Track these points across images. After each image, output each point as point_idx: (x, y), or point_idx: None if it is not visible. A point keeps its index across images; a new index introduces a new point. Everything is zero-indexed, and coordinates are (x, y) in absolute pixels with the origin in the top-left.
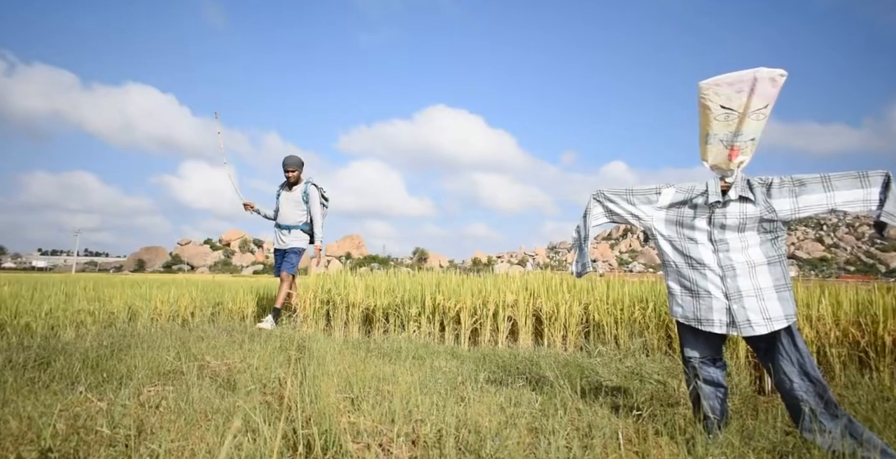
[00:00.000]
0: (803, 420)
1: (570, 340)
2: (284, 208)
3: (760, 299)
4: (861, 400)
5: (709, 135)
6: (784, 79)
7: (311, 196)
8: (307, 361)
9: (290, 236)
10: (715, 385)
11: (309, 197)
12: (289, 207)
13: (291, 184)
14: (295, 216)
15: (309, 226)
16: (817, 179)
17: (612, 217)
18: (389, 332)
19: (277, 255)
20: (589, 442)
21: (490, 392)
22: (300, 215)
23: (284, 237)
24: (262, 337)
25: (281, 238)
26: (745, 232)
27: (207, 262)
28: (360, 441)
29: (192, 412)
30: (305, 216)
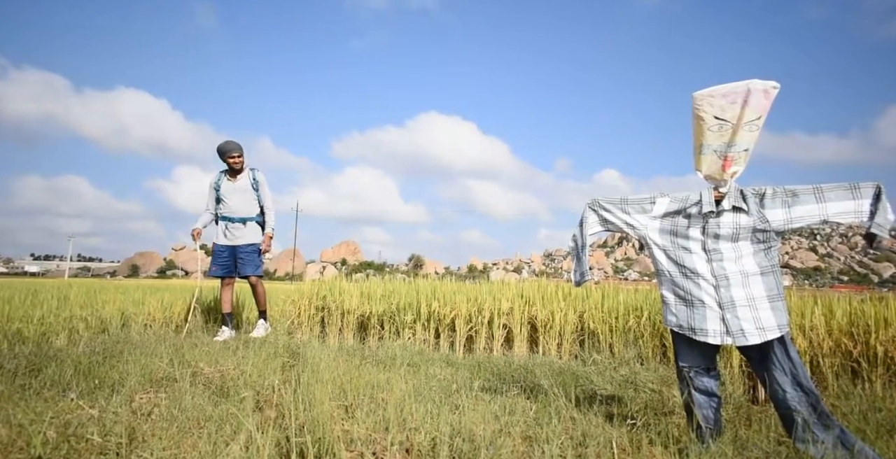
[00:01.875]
0: (796, 430)
1: (565, 348)
2: (232, 199)
3: (754, 309)
4: (853, 411)
5: (703, 145)
6: (776, 92)
7: (261, 183)
8: (301, 368)
9: (246, 229)
10: (708, 394)
11: (259, 184)
12: (237, 198)
13: (236, 171)
14: (247, 207)
15: (261, 216)
16: (810, 190)
17: (608, 226)
18: (384, 339)
19: (223, 252)
20: (583, 451)
21: (485, 400)
22: (253, 205)
23: (237, 231)
24: (255, 344)
25: (231, 232)
26: (739, 242)
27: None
28: (354, 449)
29: (184, 419)
30: (257, 206)
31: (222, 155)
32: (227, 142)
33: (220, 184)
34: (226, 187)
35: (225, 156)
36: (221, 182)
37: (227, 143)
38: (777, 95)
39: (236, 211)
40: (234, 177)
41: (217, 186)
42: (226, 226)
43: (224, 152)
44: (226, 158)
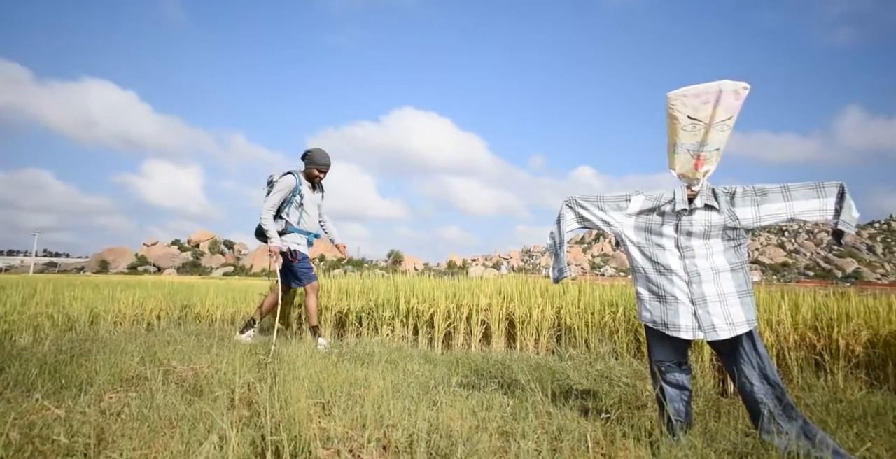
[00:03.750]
0: (762, 421)
1: (542, 344)
2: (312, 212)
3: (724, 304)
4: (816, 402)
5: (676, 144)
6: (747, 93)
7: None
8: (278, 366)
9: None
10: (680, 388)
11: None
12: (314, 212)
13: (315, 184)
14: (317, 222)
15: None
16: (777, 189)
17: (584, 223)
18: (362, 336)
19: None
20: (558, 445)
21: (462, 396)
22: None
23: (312, 245)
24: (231, 342)
25: (308, 245)
26: (710, 239)
27: (175, 264)
28: (331, 446)
29: (156, 419)
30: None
31: (315, 164)
32: (324, 152)
33: (303, 194)
34: (308, 196)
35: (316, 167)
36: (303, 192)
37: (324, 155)
38: (746, 96)
39: (314, 225)
40: (314, 189)
41: (301, 192)
42: (303, 238)
43: (319, 164)
44: (317, 169)
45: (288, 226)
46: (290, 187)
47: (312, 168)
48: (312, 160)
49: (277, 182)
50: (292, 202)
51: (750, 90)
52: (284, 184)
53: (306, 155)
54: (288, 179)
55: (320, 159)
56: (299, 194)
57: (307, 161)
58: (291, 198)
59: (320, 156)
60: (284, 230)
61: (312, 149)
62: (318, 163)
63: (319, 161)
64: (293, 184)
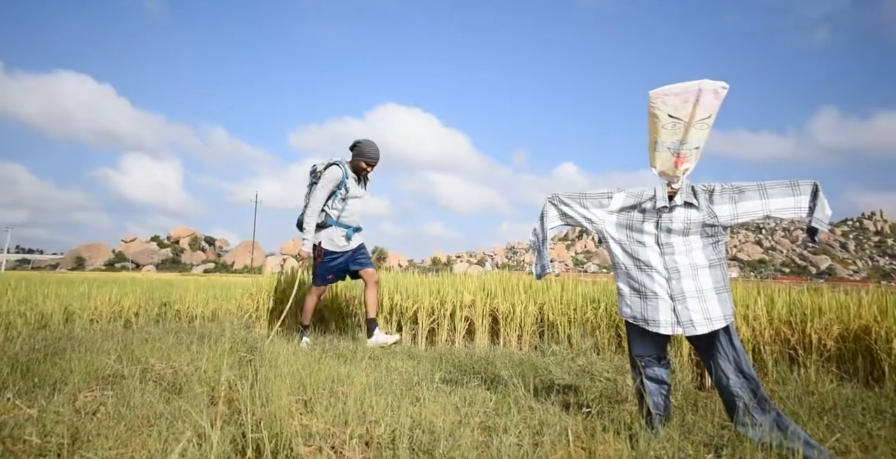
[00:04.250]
0: (737, 414)
1: (525, 340)
2: (356, 205)
3: (702, 300)
4: (790, 395)
5: (657, 142)
6: (725, 92)
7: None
8: (259, 363)
9: (357, 235)
10: (659, 382)
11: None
12: (359, 205)
13: (363, 177)
14: (359, 215)
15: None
16: (754, 187)
17: (567, 220)
18: (346, 333)
19: (338, 258)
20: (539, 439)
21: (445, 392)
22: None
23: (355, 237)
24: (211, 339)
25: (353, 238)
26: (690, 236)
27: (154, 260)
28: (313, 443)
29: (133, 417)
30: None
31: (364, 157)
32: (374, 145)
33: (348, 187)
34: (353, 189)
35: (365, 160)
36: (349, 185)
37: (375, 148)
38: (725, 95)
39: (356, 219)
40: (360, 182)
41: (346, 185)
42: (344, 232)
43: (368, 157)
44: (365, 162)
45: (328, 219)
46: (336, 180)
47: (360, 160)
48: (361, 152)
49: (323, 174)
50: (336, 194)
51: (728, 89)
52: (331, 176)
53: (355, 146)
54: (334, 171)
55: (370, 152)
56: (345, 187)
57: (356, 152)
58: (336, 191)
59: (370, 148)
60: (324, 223)
61: (362, 141)
62: (367, 156)
63: (369, 154)
64: (339, 177)
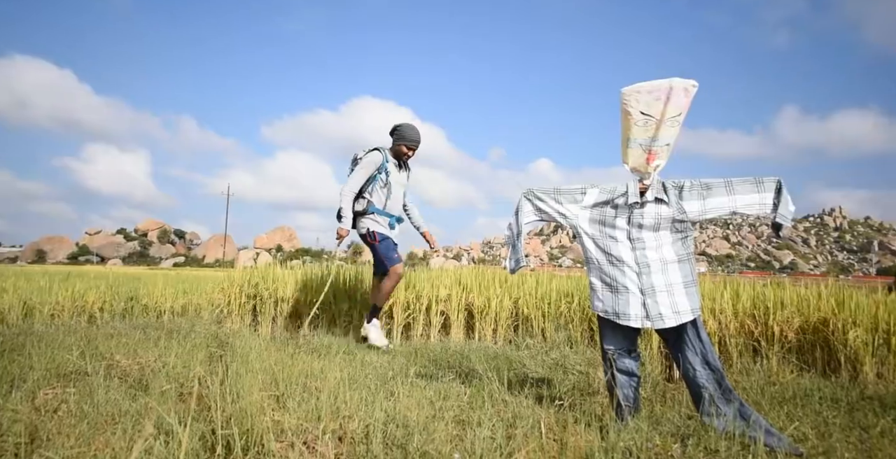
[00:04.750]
0: (703, 404)
1: (500, 334)
2: (398, 192)
3: (671, 294)
4: (753, 385)
5: (629, 139)
6: (695, 90)
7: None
8: (230, 358)
9: (397, 228)
10: (629, 374)
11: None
12: (400, 192)
13: (405, 163)
14: (401, 204)
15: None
16: (721, 184)
17: (542, 215)
18: (320, 327)
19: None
20: (512, 432)
21: (420, 386)
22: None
23: (395, 228)
24: (181, 334)
25: (389, 228)
26: (660, 231)
27: (121, 253)
28: (284, 439)
29: (96, 415)
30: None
31: (404, 140)
32: (414, 127)
33: (388, 172)
34: (394, 175)
35: (405, 144)
36: (389, 170)
37: (415, 130)
38: (695, 93)
39: (398, 207)
40: (401, 168)
41: (387, 170)
42: (389, 222)
43: (409, 140)
44: (405, 146)
45: (370, 206)
46: (375, 164)
47: (401, 144)
48: (402, 136)
49: (362, 158)
50: (377, 181)
51: (697, 88)
52: (370, 160)
53: (395, 130)
54: (374, 156)
55: (411, 135)
56: (385, 172)
57: (396, 137)
58: (376, 177)
59: (411, 131)
60: (365, 210)
61: (402, 124)
62: (407, 140)
63: (410, 137)
64: (379, 161)
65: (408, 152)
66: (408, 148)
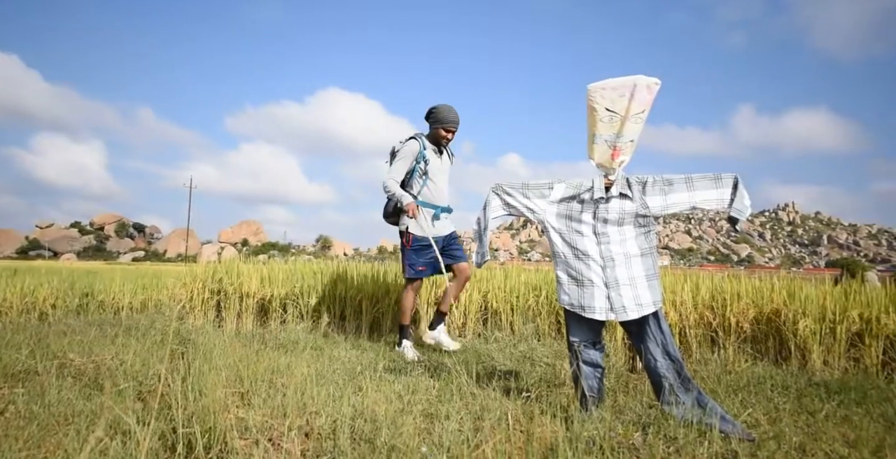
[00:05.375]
0: (663, 394)
1: (469, 327)
2: (440, 180)
3: (634, 287)
4: (710, 375)
5: (595, 135)
6: (658, 88)
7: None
8: (193, 355)
9: (448, 219)
10: (594, 366)
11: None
12: (443, 179)
13: (441, 147)
14: (447, 192)
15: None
16: (682, 180)
17: (510, 209)
18: (287, 323)
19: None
20: (480, 424)
21: (389, 380)
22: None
23: (445, 220)
24: (140, 331)
25: (442, 221)
26: (624, 226)
27: (75, 248)
28: (248, 436)
29: (47, 416)
30: None
31: (442, 123)
32: (452, 108)
33: (427, 160)
34: (434, 162)
35: (443, 127)
36: (428, 157)
37: (453, 111)
38: (657, 91)
39: (442, 196)
40: (441, 153)
41: (425, 158)
42: (433, 213)
43: (447, 122)
44: (444, 129)
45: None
46: (413, 153)
47: (439, 127)
48: (439, 118)
49: (400, 149)
50: (416, 170)
51: (660, 85)
52: (408, 149)
53: (431, 113)
54: (411, 144)
55: (448, 116)
56: (423, 160)
57: (432, 120)
58: (415, 166)
59: (448, 112)
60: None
61: (438, 106)
62: (445, 122)
63: (448, 118)
64: (416, 149)
65: (447, 135)
66: (446, 130)
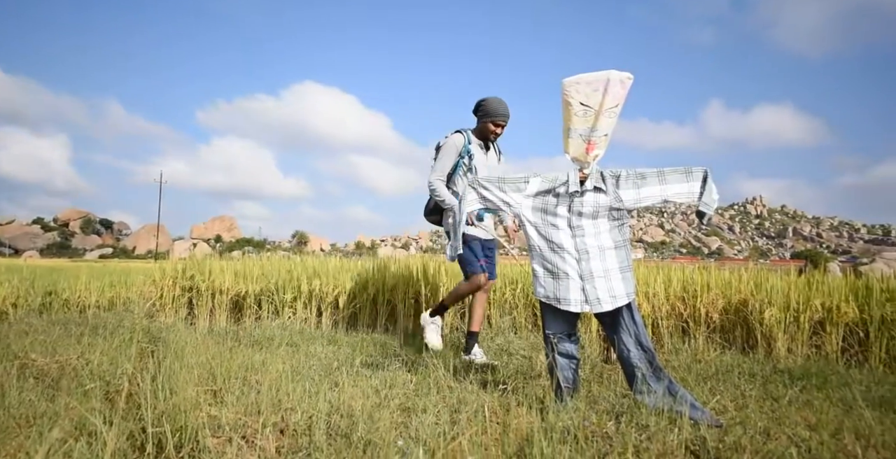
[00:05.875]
0: (636, 383)
1: (447, 321)
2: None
3: (608, 279)
4: (681, 364)
5: (570, 129)
6: (631, 82)
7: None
8: (163, 354)
9: (490, 220)
10: (569, 357)
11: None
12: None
13: (489, 142)
14: None
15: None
16: (654, 174)
17: (486, 203)
18: (262, 319)
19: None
20: (457, 417)
21: (366, 375)
22: None
23: (488, 221)
24: (107, 330)
25: (478, 219)
26: (598, 219)
27: (38, 245)
28: (221, 434)
29: (7, 418)
30: None
31: (491, 117)
32: (502, 101)
33: (472, 155)
34: (479, 159)
35: (492, 120)
36: (472, 153)
37: (503, 104)
38: (631, 85)
39: None
40: (488, 149)
41: (470, 153)
42: (477, 213)
43: (497, 115)
44: (493, 123)
45: (455, 196)
46: (458, 147)
47: (488, 121)
48: (488, 111)
49: (444, 144)
50: (460, 166)
51: (633, 80)
52: (452, 144)
53: (479, 106)
54: (456, 138)
55: (498, 109)
56: (468, 156)
57: (481, 114)
58: (459, 162)
59: (498, 105)
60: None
61: (487, 99)
62: (495, 115)
63: (498, 111)
64: (461, 144)
65: (496, 130)
66: (496, 124)
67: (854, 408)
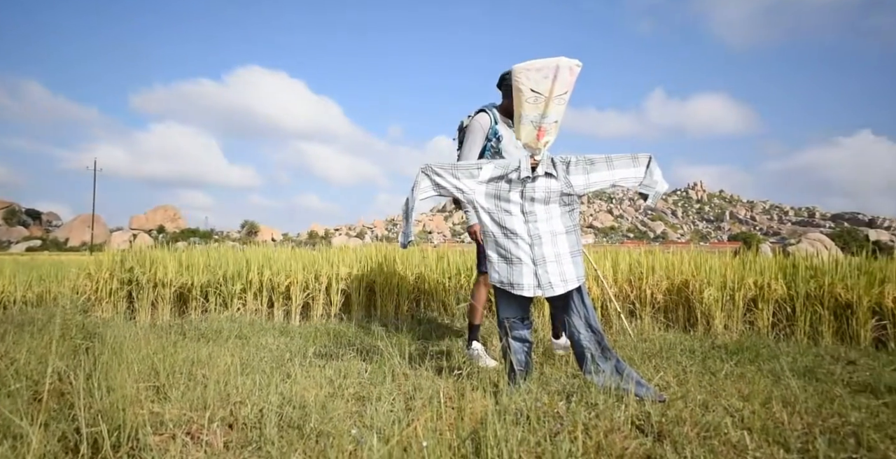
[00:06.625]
0: (586, 363)
1: (402, 309)
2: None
3: (560, 264)
4: (628, 343)
5: (521, 115)
6: (579, 70)
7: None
8: (99, 350)
9: None
10: (522, 341)
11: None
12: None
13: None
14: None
15: None
16: (603, 159)
17: (440, 190)
18: (209, 312)
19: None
20: (412, 404)
21: (319, 366)
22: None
23: None
24: (35, 327)
25: None
26: (550, 204)
27: None
28: (164, 432)
29: None
30: None
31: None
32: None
33: (502, 133)
34: (507, 139)
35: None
36: (502, 129)
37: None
38: (579, 73)
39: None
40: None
41: (497, 134)
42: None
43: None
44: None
45: None
46: (484, 128)
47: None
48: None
49: (468, 124)
50: (487, 148)
51: (582, 67)
52: (478, 126)
53: (503, 79)
54: (481, 118)
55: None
56: (496, 137)
57: (506, 88)
58: (486, 144)
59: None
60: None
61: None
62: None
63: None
64: (487, 124)
65: None
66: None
67: (782, 378)
